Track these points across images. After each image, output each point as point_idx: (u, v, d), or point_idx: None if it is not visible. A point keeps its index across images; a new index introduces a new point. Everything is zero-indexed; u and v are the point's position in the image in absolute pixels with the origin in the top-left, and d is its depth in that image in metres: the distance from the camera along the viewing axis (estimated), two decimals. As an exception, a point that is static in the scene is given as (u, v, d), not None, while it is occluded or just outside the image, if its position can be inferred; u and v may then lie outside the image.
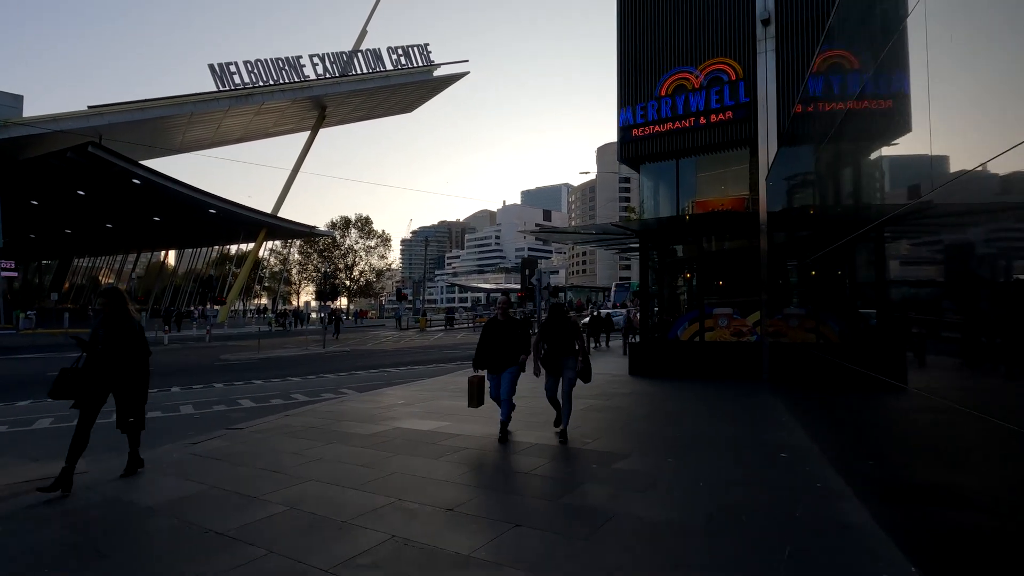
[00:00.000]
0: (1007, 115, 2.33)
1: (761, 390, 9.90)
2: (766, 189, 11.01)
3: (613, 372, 13.32)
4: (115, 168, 39.05)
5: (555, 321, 6.63)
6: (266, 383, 14.43)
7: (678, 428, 6.85)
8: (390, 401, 9.44)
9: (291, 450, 5.95)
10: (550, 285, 21.43)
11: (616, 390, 10.17)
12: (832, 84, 6.37)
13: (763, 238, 11.26)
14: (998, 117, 2.43)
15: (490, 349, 6.61)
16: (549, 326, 6.63)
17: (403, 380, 13.54)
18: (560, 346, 6.51)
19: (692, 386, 10.55)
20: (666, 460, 5.26)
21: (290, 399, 11.13)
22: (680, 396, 9.44)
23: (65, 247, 65.19)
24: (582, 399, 8.97)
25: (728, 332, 12.09)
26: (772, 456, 5.36)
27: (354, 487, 4.66)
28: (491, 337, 6.62)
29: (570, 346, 6.49)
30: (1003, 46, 2.43)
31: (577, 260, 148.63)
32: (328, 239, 71.55)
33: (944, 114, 2.94)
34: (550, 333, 6.57)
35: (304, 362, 20.53)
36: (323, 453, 5.83)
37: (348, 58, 55.58)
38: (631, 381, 11.62)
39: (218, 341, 31.49)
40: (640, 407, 8.35)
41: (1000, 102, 2.42)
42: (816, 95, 7.07)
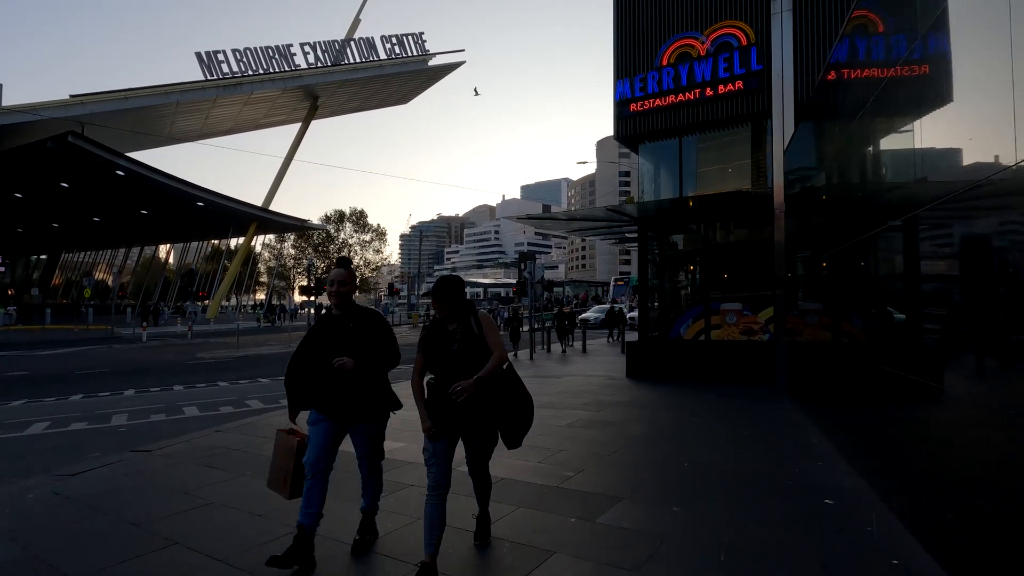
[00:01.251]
0: None
1: (778, 398, 8.58)
2: (784, 169, 9.67)
3: (609, 374, 12.02)
4: (97, 159, 37.69)
5: (444, 324, 3.26)
6: (231, 385, 13.19)
7: (685, 454, 5.47)
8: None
9: (185, 487, 4.65)
10: (544, 278, 20.13)
11: (610, 397, 8.87)
12: (870, 47, 5.46)
13: (778, 224, 9.92)
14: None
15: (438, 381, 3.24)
16: (433, 332, 3.28)
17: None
18: (457, 371, 3.14)
19: (698, 392, 9.24)
20: (671, 509, 3.91)
21: (243, 407, 9.84)
22: (685, 406, 8.11)
23: (54, 242, 63.82)
24: (568, 410, 7.66)
25: (737, 330, 10.78)
26: (814, 503, 3.99)
27: (230, 555, 3.36)
28: (432, 350, 3.26)
29: (477, 370, 3.12)
30: None
31: (577, 255, 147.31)
32: (322, 233, 70.15)
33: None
34: (433, 346, 3.25)
35: (282, 361, 19.25)
36: (221, 494, 4.52)
37: (341, 47, 54.11)
38: (628, 386, 10.31)
39: (200, 338, 30.24)
40: (638, 422, 7.02)
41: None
42: (849, 60, 6.04)
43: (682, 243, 12.45)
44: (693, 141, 11.65)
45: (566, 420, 6.99)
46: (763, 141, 11.09)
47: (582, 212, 10.45)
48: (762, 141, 11.08)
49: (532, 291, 18.78)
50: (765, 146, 10.97)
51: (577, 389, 9.83)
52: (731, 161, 11.71)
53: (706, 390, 9.40)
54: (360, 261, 70.89)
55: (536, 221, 12.18)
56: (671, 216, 11.43)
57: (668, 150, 12.00)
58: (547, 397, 8.93)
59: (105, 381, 14.11)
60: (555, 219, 11.47)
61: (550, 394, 9.27)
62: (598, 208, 10.68)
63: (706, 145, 11.68)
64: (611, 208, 10.22)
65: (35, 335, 32.61)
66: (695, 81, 10.98)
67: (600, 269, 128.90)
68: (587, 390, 9.67)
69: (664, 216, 11.42)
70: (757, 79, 10.45)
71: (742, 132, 11.32)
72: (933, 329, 3.83)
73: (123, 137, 51.44)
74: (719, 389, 9.47)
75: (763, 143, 11.04)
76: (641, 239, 11.68)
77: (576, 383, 10.67)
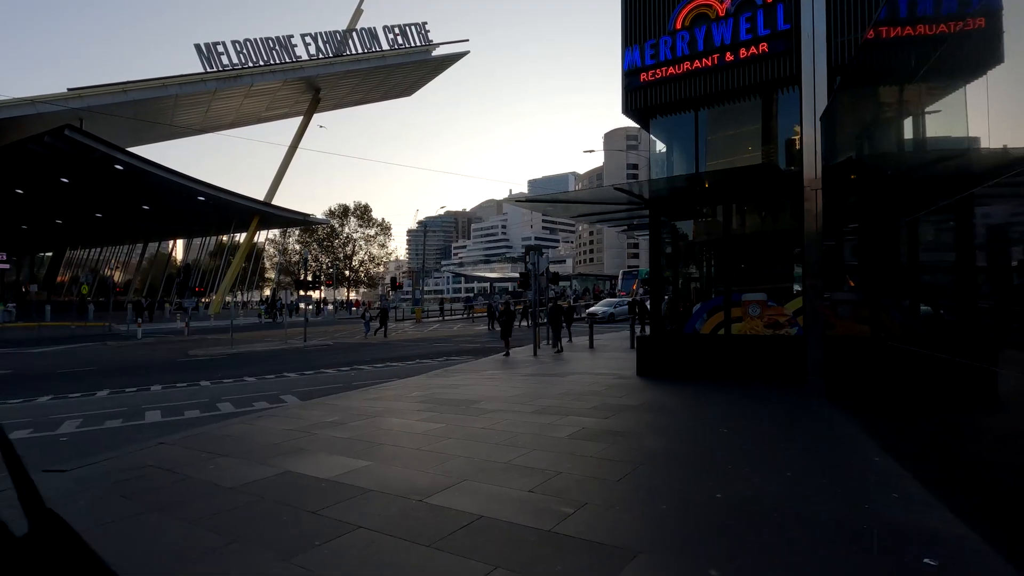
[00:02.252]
0: None
1: (815, 401, 7.45)
2: (819, 140, 8.51)
3: (618, 371, 10.94)
4: (96, 153, 37.04)
5: None
6: (212, 385, 12.28)
7: (718, 481, 4.26)
8: (318, 417, 7.13)
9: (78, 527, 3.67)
10: (548, 271, 19.03)
11: (620, 400, 7.79)
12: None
13: (810, 202, 8.77)
14: None
15: None
16: None
17: (368, 382, 11.29)
18: None
19: (720, 394, 8.13)
20: (708, 574, 2.81)
21: (211, 411, 8.87)
22: (708, 412, 6.99)
23: (59, 239, 63.58)
24: (571, 417, 6.60)
25: (761, 323, 9.65)
26: (906, 560, 2.73)
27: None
28: None
29: None
30: None
31: (584, 249, 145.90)
32: (327, 228, 69.43)
33: None
34: None
35: (274, 359, 18.42)
36: (109, 541, 3.50)
37: (342, 38, 53.12)
38: (640, 386, 9.23)
39: (198, 334, 29.49)
40: (654, 433, 5.91)
41: None
42: (903, 14, 5.24)
43: (697, 228, 11.31)
44: (710, 115, 10.48)
45: (567, 430, 5.93)
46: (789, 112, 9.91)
47: (586, 193, 9.35)
48: (789, 112, 9.90)
49: (536, 284, 17.73)
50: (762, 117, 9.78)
51: (582, 390, 8.77)
52: (754, 137, 10.54)
53: (729, 391, 8.29)
54: (365, 256, 70.35)
55: (539, 204, 11.09)
56: (685, 196, 10.30)
57: (682, 126, 10.84)
58: (547, 401, 7.88)
59: (85, 381, 13.40)
60: (556, 201, 10.37)
61: (551, 397, 8.22)
62: (604, 188, 9.59)
63: (725, 118, 10.51)
64: (618, 187, 9.09)
65: (32, 332, 32.09)
66: (713, 45, 9.80)
67: (608, 263, 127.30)
68: (593, 391, 8.60)
69: (677, 196, 10.29)
70: (784, 40, 9.26)
71: (767, 102, 10.14)
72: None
73: (124, 132, 50.87)
74: (743, 390, 8.36)
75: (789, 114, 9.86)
76: (652, 223, 10.56)
77: (582, 383, 9.61)
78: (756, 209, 10.42)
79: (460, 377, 11.15)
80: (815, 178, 8.79)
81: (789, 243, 9.94)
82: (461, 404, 7.78)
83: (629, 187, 9.30)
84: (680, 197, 10.25)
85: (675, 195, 10.25)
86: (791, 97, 9.74)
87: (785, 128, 10.19)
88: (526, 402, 7.74)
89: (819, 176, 8.67)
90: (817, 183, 8.71)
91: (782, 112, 10.09)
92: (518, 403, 7.68)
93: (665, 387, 8.93)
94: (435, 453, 5.16)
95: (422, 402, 8.05)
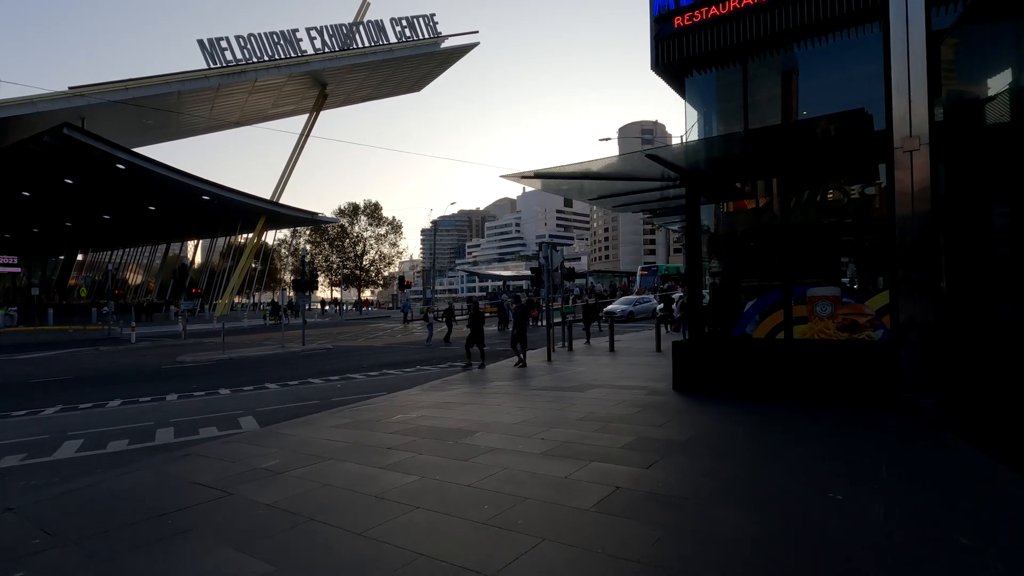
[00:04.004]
0: None
1: (932, 433, 5.41)
2: (925, 80, 6.46)
3: (648, 384, 8.98)
4: (96, 152, 36.02)
5: None
6: (179, 400, 10.72)
7: None
8: (254, 459, 5.30)
9: None
10: (563, 265, 17.08)
11: (660, 430, 5.84)
12: None
13: (904, 169, 6.73)
14: None
15: None
16: None
17: (351, 397, 9.52)
18: None
19: (792, 419, 6.14)
20: None
21: (144, 440, 7.11)
22: (792, 454, 4.89)
23: (69, 242, 63.28)
24: (598, 463, 4.66)
25: (833, 324, 7.62)
26: None
27: None
28: None
29: None
30: None
31: (600, 246, 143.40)
32: (337, 227, 68.19)
33: None
34: None
35: (264, 365, 16.84)
36: None
37: (349, 31, 51.72)
38: (681, 406, 7.26)
39: (195, 338, 28.15)
40: (726, 501, 3.68)
41: None
42: None
43: (744, 209, 9.28)
44: (759, 71, 8.44)
45: (592, 493, 3.98)
46: (862, 57, 7.84)
47: (604, 164, 7.39)
48: (862, 57, 7.83)
49: (549, 280, 15.82)
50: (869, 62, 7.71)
51: (608, 413, 6.84)
52: (816, 96, 8.47)
53: (802, 416, 6.29)
54: (376, 255, 68.91)
55: (550, 183, 9.16)
56: (733, 166, 8.29)
57: (727, 83, 8.84)
58: (562, 431, 5.96)
59: (49, 393, 12.33)
60: (569, 176, 8.43)
61: (567, 424, 6.30)
62: (629, 156, 7.59)
63: (777, 73, 8.45)
64: (651, 153, 7.11)
65: (30, 337, 31.19)
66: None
67: (624, 260, 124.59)
68: (623, 415, 6.67)
69: (723, 167, 8.28)
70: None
71: (836, 49, 8.07)
72: None
73: (130, 132, 50.08)
74: (820, 414, 6.35)
75: (864, 59, 7.79)
76: (690, 203, 8.56)
77: (606, 401, 7.68)
78: (824, 182, 8.35)
79: (457, 392, 9.30)
80: (910, 136, 6.73)
81: (869, 224, 7.89)
82: (449, 436, 5.91)
83: (660, 155, 7.32)
84: (726, 167, 8.24)
85: (719, 166, 8.25)
86: (865, 41, 7.69)
87: (852, 81, 8.13)
88: (534, 434, 5.84)
89: (918, 134, 6.61)
90: (916, 142, 6.65)
91: (850, 58, 8.02)
92: (523, 435, 5.78)
93: (714, 408, 6.94)
94: (383, 547, 3.29)
95: (399, 433, 6.19)
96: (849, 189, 8.29)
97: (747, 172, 8.48)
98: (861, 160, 7.63)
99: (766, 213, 8.62)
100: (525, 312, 13.43)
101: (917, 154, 6.70)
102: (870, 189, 7.85)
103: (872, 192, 7.73)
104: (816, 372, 7.50)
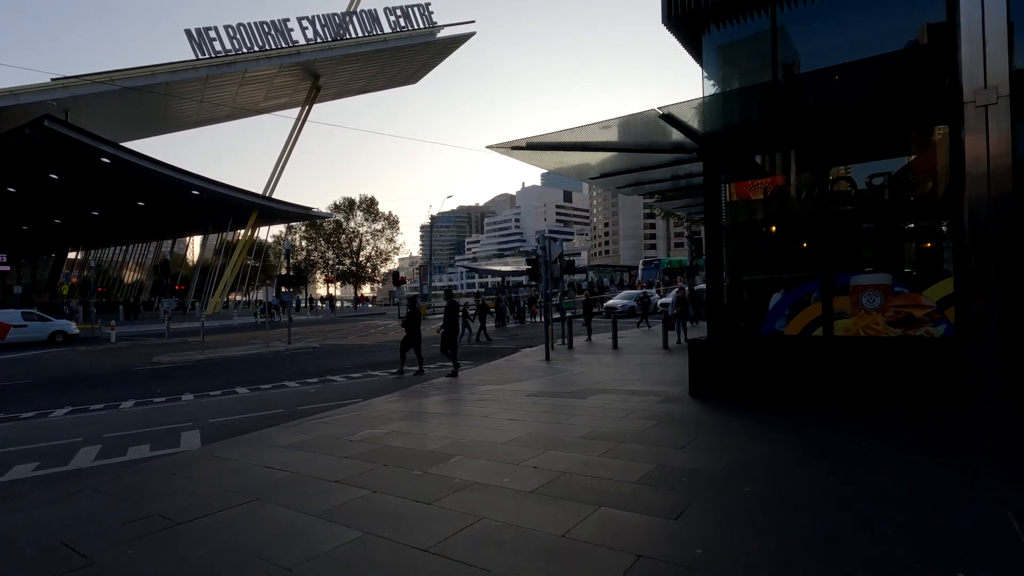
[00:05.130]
0: None
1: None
2: (1001, 27, 5.23)
3: (660, 386, 7.77)
4: (80, 145, 34.72)
5: None
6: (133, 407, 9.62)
7: None
8: (154, 504, 4.10)
9: None
10: (562, 257, 15.85)
11: (676, 455, 4.62)
12: None
13: (976, 132, 5.49)
14: None
15: None
16: None
17: (320, 405, 8.32)
18: None
19: (847, 437, 4.93)
20: None
21: (56, 464, 5.88)
22: (867, 497, 3.52)
23: (59, 240, 62.02)
24: (608, 508, 3.41)
25: (883, 319, 6.40)
26: None
27: None
28: None
29: None
30: None
31: (600, 241, 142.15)
32: (332, 222, 66.92)
33: None
34: None
35: (242, 366, 15.69)
36: None
37: (341, 21, 50.37)
38: (704, 419, 6.04)
39: (179, 337, 26.96)
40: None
41: None
42: None
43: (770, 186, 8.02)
44: (796, 17, 7.17)
45: (601, 571, 2.75)
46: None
47: (604, 129, 6.13)
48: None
49: (547, 272, 14.61)
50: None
51: (615, 428, 5.63)
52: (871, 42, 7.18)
53: (862, 432, 5.06)
54: (372, 251, 67.57)
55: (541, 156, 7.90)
56: (759, 131, 7.04)
57: (751, 41, 7.57)
58: (560, 454, 4.75)
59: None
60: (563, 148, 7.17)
61: (567, 445, 5.08)
62: (637, 116, 6.27)
63: (819, 20, 7.18)
64: (665, 112, 5.87)
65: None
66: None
67: (624, 254, 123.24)
68: (634, 431, 5.45)
69: (747, 133, 7.03)
70: None
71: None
72: None
73: (119, 125, 48.77)
74: (888, 429, 5.13)
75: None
76: (709, 180, 7.32)
77: (613, 412, 6.47)
78: (869, 149, 7.10)
79: (441, 399, 8.10)
80: (984, 88, 5.49)
81: (929, 198, 6.66)
82: (418, 463, 4.70)
83: (679, 113, 6.06)
84: (752, 133, 6.99)
85: (744, 132, 7.00)
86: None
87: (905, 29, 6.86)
88: (525, 460, 4.63)
89: (996, 84, 5.37)
90: (993, 94, 5.41)
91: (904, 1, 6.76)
92: (511, 462, 4.57)
93: (745, 421, 5.72)
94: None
95: (359, 458, 4.98)
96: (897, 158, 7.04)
97: (777, 138, 7.21)
98: (921, 117, 6.37)
99: (797, 190, 7.37)
100: (454, 311, 11.44)
101: (994, 110, 5.46)
102: (931, 155, 6.60)
103: (933, 159, 6.48)
104: (863, 375, 6.29)
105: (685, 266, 40.44)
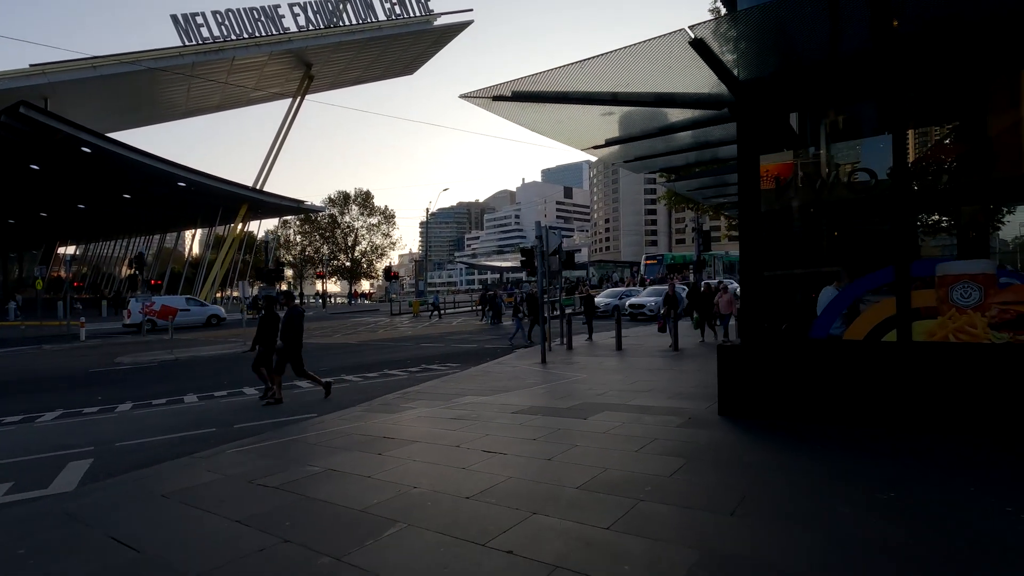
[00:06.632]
0: None
1: None
2: None
3: (678, 401, 6.20)
4: (60, 134, 33.05)
5: None
6: (51, 422, 8.00)
7: None
8: None
9: None
10: (561, 249, 14.27)
11: (726, 527, 3.04)
12: None
13: None
14: None
15: None
16: None
17: (269, 420, 6.76)
18: None
19: (989, 491, 3.37)
20: None
21: None
22: None
23: (48, 233, 60.46)
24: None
25: (982, 320, 4.82)
26: None
27: None
28: None
29: None
30: None
31: (600, 237, 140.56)
32: (327, 217, 65.29)
33: None
34: None
35: (207, 368, 14.27)
36: None
37: (335, 7, 48.65)
38: (748, 453, 4.47)
39: (155, 335, 25.39)
40: None
41: None
42: None
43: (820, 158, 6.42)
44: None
45: None
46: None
47: (604, 64, 4.49)
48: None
49: (544, 265, 13.10)
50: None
51: (628, 471, 4.07)
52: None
53: (981, 481, 3.51)
54: (367, 246, 65.86)
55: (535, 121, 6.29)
56: (823, 71, 5.44)
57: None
58: (551, 521, 3.19)
59: None
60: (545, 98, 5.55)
61: (562, 503, 3.51)
62: (647, 46, 4.58)
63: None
64: (696, 39, 4.27)
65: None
66: None
67: (625, 250, 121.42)
68: (655, 477, 3.90)
69: (802, 74, 5.43)
70: None
71: None
72: None
73: (106, 114, 47.12)
74: (1010, 478, 3.58)
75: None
76: (743, 135, 5.72)
77: (622, 441, 4.91)
78: (959, 106, 5.49)
79: (412, 416, 6.53)
80: None
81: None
82: (336, 536, 3.13)
83: (708, 35, 4.46)
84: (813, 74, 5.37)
85: (790, 73, 5.39)
86: None
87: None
88: (497, 530, 3.06)
89: None
90: None
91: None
92: (475, 538, 3.01)
93: (813, 460, 4.14)
94: None
95: (258, 522, 3.42)
96: (992, 121, 5.43)
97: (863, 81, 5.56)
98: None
99: (875, 146, 5.76)
100: (295, 320, 8.39)
101: None
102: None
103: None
104: (958, 391, 4.73)
105: (690, 262, 38.69)
